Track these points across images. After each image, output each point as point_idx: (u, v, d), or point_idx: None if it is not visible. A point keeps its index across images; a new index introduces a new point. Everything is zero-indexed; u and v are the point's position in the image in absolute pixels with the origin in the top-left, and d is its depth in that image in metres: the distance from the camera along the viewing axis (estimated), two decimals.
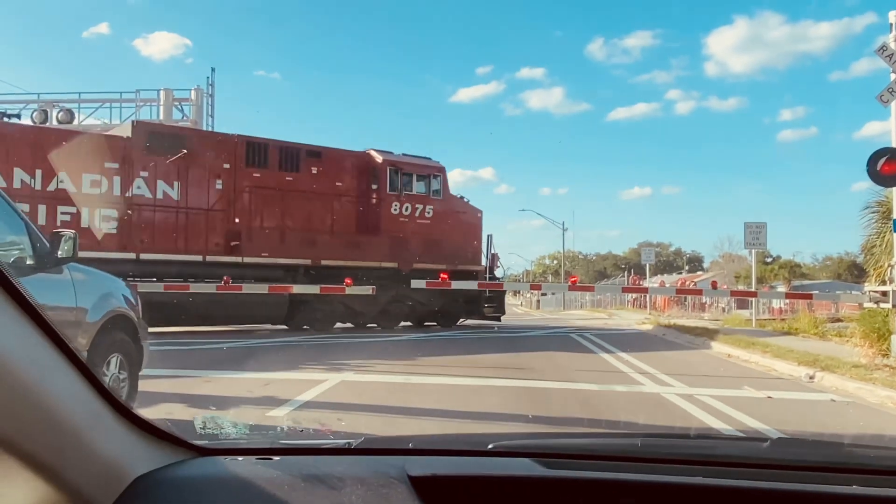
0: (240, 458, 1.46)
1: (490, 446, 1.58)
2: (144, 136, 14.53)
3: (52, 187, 13.41)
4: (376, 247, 16.64)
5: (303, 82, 69.18)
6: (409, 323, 17.71)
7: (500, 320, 19.24)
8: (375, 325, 16.92)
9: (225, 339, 13.96)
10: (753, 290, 18.26)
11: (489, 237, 18.81)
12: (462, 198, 18.84)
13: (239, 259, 14.87)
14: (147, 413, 4.51)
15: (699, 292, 18.04)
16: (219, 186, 15.12)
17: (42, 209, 13.20)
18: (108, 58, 64.50)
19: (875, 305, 10.95)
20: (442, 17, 72.85)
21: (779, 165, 76.20)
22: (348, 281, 14.73)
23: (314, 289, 14.63)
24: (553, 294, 54.14)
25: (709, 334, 15.31)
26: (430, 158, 18.32)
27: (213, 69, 24.19)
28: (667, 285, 25.65)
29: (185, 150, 14.61)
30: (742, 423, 6.13)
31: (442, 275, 14.41)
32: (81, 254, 4.82)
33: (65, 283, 4.78)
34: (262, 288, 13.72)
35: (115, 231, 13.95)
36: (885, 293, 10.58)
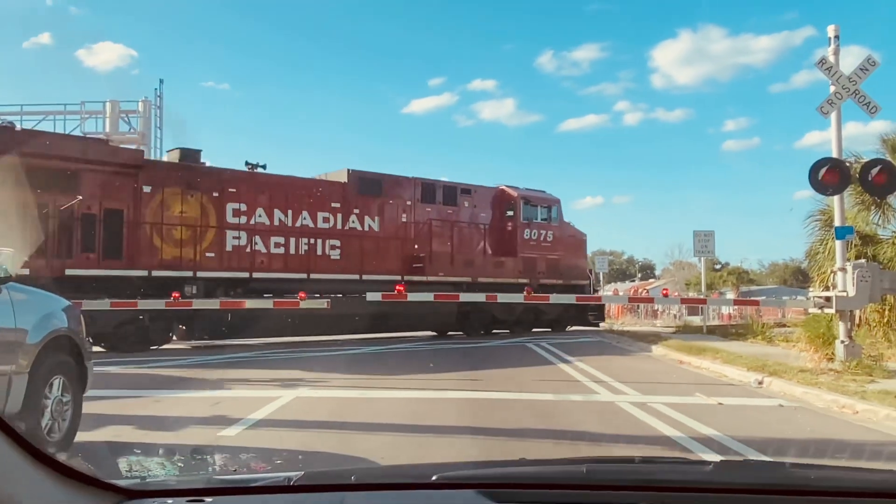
0: (169, 501, 1.39)
1: (434, 478, 1.54)
2: (356, 181, 18.00)
3: (298, 223, 16.91)
4: (513, 266, 20.11)
5: (253, 93, 68.46)
6: (539, 329, 20.50)
7: (598, 326, 21.66)
8: (508, 330, 19.90)
9: (177, 356, 13.64)
10: (703, 297, 18.61)
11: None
12: (570, 223, 21.95)
13: (424, 278, 18.07)
14: (92, 436, 4.34)
15: (651, 300, 18.41)
16: (404, 219, 18.69)
17: (292, 241, 16.70)
18: (51, 69, 62.69)
19: (819, 311, 11.26)
20: (393, 28, 73.07)
21: (725, 174, 78.29)
22: (493, 296, 16.08)
23: (477, 296, 16.45)
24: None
25: (661, 341, 15.56)
26: (545, 191, 21.66)
27: (161, 80, 23.77)
28: (620, 293, 25.99)
29: (382, 192, 18.39)
30: (695, 431, 6.21)
31: (398, 287, 14.60)
32: (322, 276, 4.59)
33: (2, 303, 4.59)
34: (428, 296, 15.17)
35: (339, 257, 17.29)
36: (828, 299, 10.89)
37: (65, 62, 61.47)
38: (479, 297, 15.94)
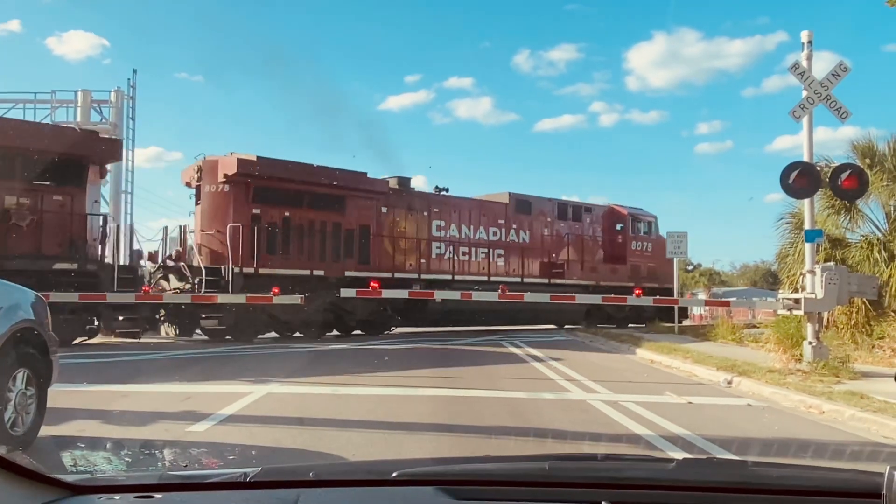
0: (116, 497, 1.35)
1: (394, 474, 1.53)
2: (514, 202, 22.31)
3: (476, 236, 21.38)
4: (623, 272, 24.03)
5: (227, 86, 67.68)
6: (633, 324, 23.02)
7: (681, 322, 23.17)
8: (614, 325, 22.31)
9: (146, 350, 13.47)
10: (675, 297, 18.81)
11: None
12: (661, 235, 24.80)
13: (564, 281, 22.03)
14: (57, 430, 4.27)
15: (623, 300, 18.47)
16: (546, 233, 22.93)
17: (474, 251, 21.16)
18: (20, 57, 61.32)
19: (788, 312, 11.42)
20: (369, 24, 72.62)
21: (697, 176, 79.08)
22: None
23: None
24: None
25: (633, 341, 15.70)
26: (643, 209, 25.90)
27: (134, 70, 23.27)
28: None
29: (531, 211, 22.71)
30: (663, 429, 6.27)
31: (372, 283, 15.57)
32: (497, 279, 4.49)
33: None
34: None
35: (503, 264, 21.68)
36: (797, 300, 11.05)
37: (34, 50, 60.34)
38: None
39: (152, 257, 16.70)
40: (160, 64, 63.43)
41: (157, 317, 15.91)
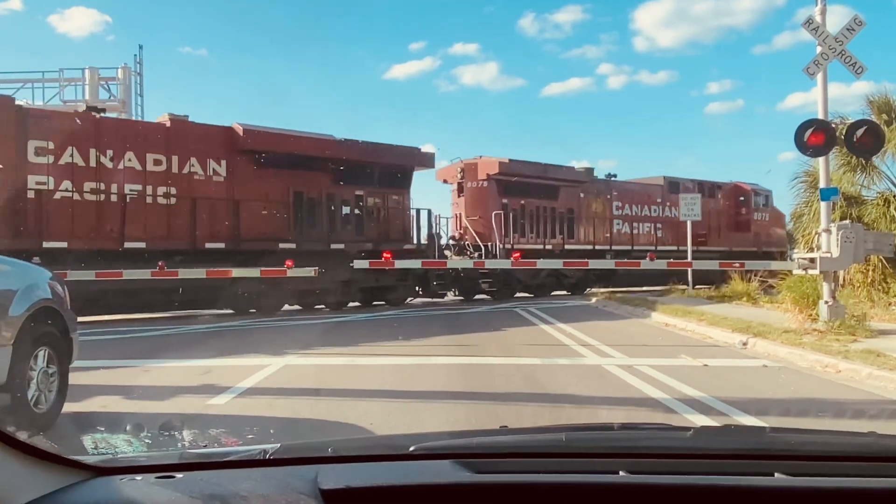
0: (138, 478, 1.36)
1: (412, 449, 1.54)
2: (668, 184, 26.21)
3: (642, 213, 25.61)
4: (748, 239, 27.35)
5: (232, 59, 67.02)
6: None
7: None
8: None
9: (166, 325, 13.62)
10: (689, 261, 18.73)
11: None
12: (775, 206, 28.73)
13: (707, 248, 24.39)
14: (80, 407, 4.32)
15: (637, 264, 18.49)
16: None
17: (642, 225, 25.45)
18: (23, 36, 61.02)
19: (804, 272, 11.35)
20: None
21: (708, 137, 77.86)
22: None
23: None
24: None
25: (647, 305, 15.68)
26: (759, 184, 28.93)
27: (140, 46, 23.41)
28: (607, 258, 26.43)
29: (679, 190, 25.35)
30: (680, 392, 6.29)
31: (385, 254, 15.76)
32: (661, 248, 4.51)
33: None
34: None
35: (661, 235, 25.58)
36: (812, 260, 10.97)
37: (37, 28, 59.97)
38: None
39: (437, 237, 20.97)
40: (164, 39, 62.94)
41: (443, 282, 20.19)
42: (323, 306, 17.54)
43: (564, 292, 22.50)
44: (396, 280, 18.34)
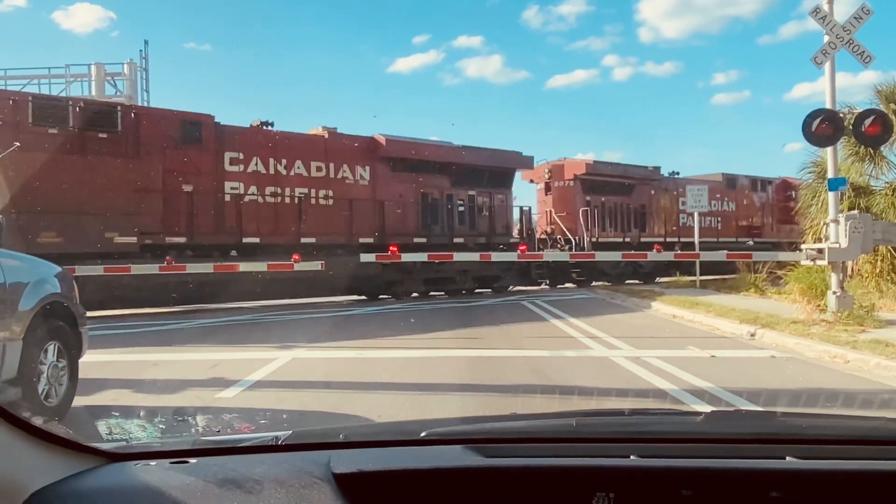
0: (152, 463, 1.37)
1: (423, 434, 1.54)
2: (725, 180, 27.84)
3: (716, 208, 26.68)
4: (796, 230, 25.78)
5: (236, 55, 66.77)
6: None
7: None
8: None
9: (174, 319, 13.67)
10: (696, 252, 18.69)
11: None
12: None
13: (761, 239, 27.91)
14: (90, 400, 4.34)
15: (643, 256, 18.54)
16: (745, 203, 28.53)
17: (704, 219, 25.01)
18: (28, 32, 61.04)
19: (812, 263, 11.31)
20: None
21: (715, 128, 77.31)
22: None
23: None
24: None
25: (654, 296, 15.67)
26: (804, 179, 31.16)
27: (146, 42, 23.61)
28: None
29: (737, 186, 28.39)
30: (687, 383, 6.28)
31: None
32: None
33: None
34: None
35: (721, 228, 27.13)
36: (820, 251, 10.93)
37: (41, 25, 60.03)
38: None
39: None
40: (168, 35, 62.84)
41: (541, 272, 21.79)
42: (443, 293, 19.55)
43: (637, 281, 23.47)
44: (503, 271, 20.13)
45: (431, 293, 19.24)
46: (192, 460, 1.38)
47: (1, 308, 4.59)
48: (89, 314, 6.17)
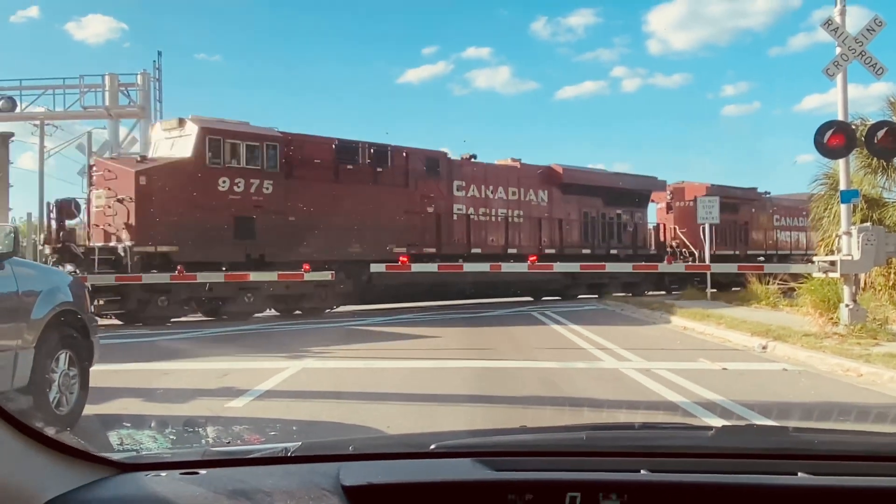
0: (163, 474, 1.38)
1: (432, 447, 1.54)
2: (763, 198, 29.72)
3: (784, 223, 30.04)
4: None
5: (246, 66, 67.41)
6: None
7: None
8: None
9: (183, 329, 13.73)
10: (707, 264, 18.61)
11: None
12: None
13: (790, 252, 29.26)
14: (101, 409, 4.36)
15: (654, 268, 18.49)
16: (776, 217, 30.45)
17: (783, 234, 30.05)
18: (42, 43, 61.82)
19: (824, 275, 11.23)
20: None
21: (725, 139, 77.06)
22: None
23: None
24: None
25: (665, 308, 15.59)
26: None
27: (159, 53, 23.54)
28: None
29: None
30: (698, 396, 6.24)
31: (401, 258, 16.08)
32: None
33: (6, 278, 4.60)
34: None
35: (806, 242, 27.89)
36: (833, 263, 10.86)
37: (55, 36, 60.81)
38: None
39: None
40: (179, 46, 63.44)
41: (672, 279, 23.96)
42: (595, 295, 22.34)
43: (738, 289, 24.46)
44: (642, 279, 23.02)
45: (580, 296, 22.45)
46: (203, 471, 1.39)
47: (14, 316, 4.63)
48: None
